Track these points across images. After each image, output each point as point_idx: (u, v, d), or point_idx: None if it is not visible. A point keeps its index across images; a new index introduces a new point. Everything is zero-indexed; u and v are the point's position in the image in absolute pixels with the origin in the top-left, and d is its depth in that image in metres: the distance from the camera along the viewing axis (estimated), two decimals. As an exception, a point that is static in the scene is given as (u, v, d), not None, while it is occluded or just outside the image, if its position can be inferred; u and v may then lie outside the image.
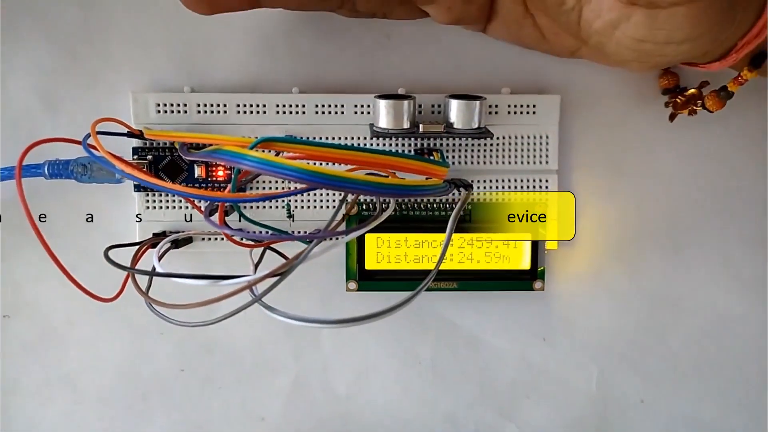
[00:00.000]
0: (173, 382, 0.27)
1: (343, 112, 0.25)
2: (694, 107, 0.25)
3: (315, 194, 0.25)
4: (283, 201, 0.25)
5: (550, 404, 0.27)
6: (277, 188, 0.25)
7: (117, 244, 0.21)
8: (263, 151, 0.18)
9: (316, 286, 0.26)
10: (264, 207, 0.25)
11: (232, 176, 0.20)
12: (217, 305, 0.18)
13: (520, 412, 0.27)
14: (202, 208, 0.23)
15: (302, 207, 0.25)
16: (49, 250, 0.19)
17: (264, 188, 0.25)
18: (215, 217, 0.20)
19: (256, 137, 0.18)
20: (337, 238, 0.20)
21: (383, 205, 0.21)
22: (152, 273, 0.19)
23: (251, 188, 0.25)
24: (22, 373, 0.27)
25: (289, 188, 0.23)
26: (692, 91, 0.24)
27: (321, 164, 0.22)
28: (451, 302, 0.27)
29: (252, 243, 0.22)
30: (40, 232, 0.19)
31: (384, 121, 0.23)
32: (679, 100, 0.25)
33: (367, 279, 0.25)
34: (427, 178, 0.20)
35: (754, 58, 0.22)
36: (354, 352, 0.27)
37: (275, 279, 0.18)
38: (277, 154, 0.20)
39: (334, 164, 0.21)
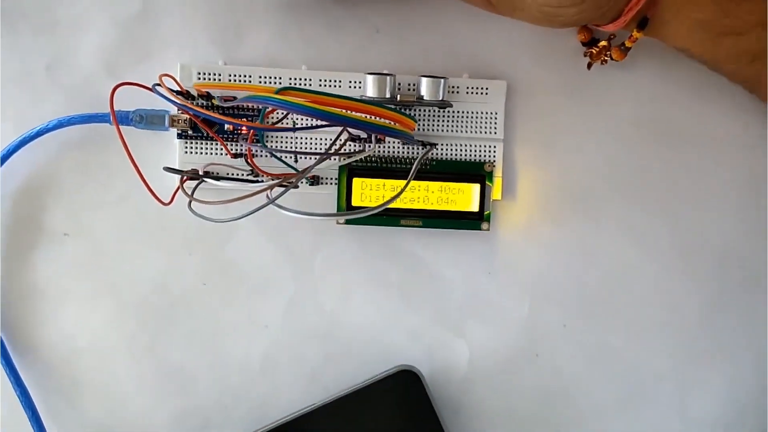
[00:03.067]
0: (196, 295, 0.34)
1: (340, 86, 0.32)
2: (605, 57, 0.32)
3: (316, 141, 0.32)
4: (292, 157, 0.32)
5: (492, 326, 0.35)
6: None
7: (170, 167, 0.28)
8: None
9: (313, 220, 0.33)
10: (278, 157, 0.32)
11: (260, 115, 0.27)
12: (238, 211, 0.25)
13: (467, 331, 0.35)
14: (231, 151, 0.31)
15: (306, 158, 0.33)
16: (134, 163, 0.26)
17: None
18: (246, 144, 0.27)
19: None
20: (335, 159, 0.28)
21: (367, 144, 0.29)
22: (200, 176, 0.27)
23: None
24: (76, 281, 0.33)
25: (301, 124, 0.30)
26: (603, 42, 0.32)
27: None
28: (416, 239, 0.34)
29: (267, 173, 0.30)
30: (128, 148, 0.26)
31: (371, 92, 0.31)
32: (594, 50, 0.32)
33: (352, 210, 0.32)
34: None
35: (641, 22, 0.30)
36: (339, 276, 0.34)
37: (285, 188, 0.25)
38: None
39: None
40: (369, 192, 0.32)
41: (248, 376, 0.34)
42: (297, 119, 0.32)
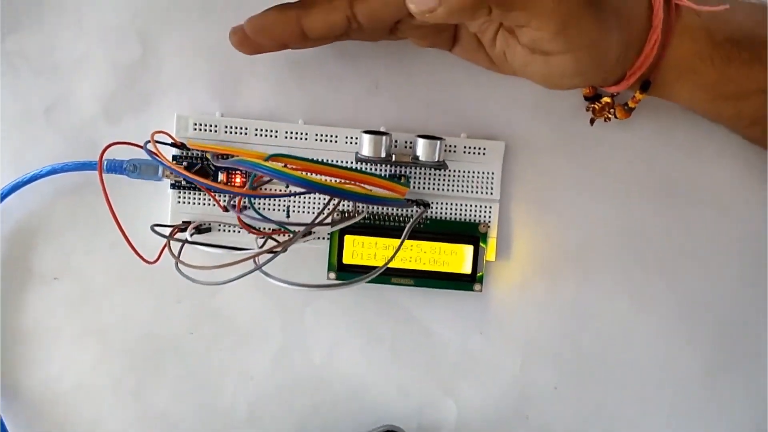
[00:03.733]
0: (183, 342, 0.34)
1: (336, 141, 0.32)
2: (608, 114, 0.32)
3: (308, 200, 0.32)
4: (284, 204, 0.32)
5: (482, 385, 0.34)
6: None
7: (158, 224, 0.28)
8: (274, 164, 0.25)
9: (304, 277, 0.33)
10: (268, 209, 0.32)
11: (249, 179, 0.27)
12: (226, 275, 0.25)
13: (457, 390, 0.34)
14: (221, 203, 0.30)
15: (298, 212, 0.32)
16: (117, 222, 0.26)
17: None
18: (235, 211, 0.27)
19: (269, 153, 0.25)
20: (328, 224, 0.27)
21: (358, 210, 0.29)
22: (185, 241, 0.27)
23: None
24: (64, 324, 0.33)
25: (290, 191, 0.31)
26: (606, 99, 0.32)
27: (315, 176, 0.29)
28: (409, 296, 0.34)
29: (257, 231, 0.30)
30: (112, 207, 0.26)
31: (366, 151, 0.30)
32: (596, 106, 0.32)
33: (344, 271, 0.32)
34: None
35: (643, 84, 0.30)
36: (329, 329, 0.34)
37: (273, 254, 0.25)
38: (284, 167, 0.27)
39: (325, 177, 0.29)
40: (361, 249, 0.32)
41: (233, 425, 0.34)
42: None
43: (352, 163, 0.32)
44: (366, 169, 0.32)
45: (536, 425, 0.34)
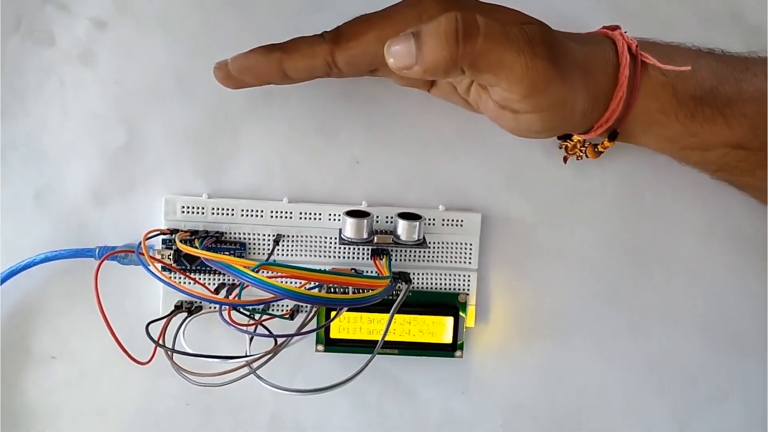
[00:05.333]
0: (180, 414, 0.35)
1: (320, 218, 0.34)
2: (580, 153, 0.33)
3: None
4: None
5: (465, 442, 0.36)
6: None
7: (153, 320, 0.30)
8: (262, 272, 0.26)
9: (294, 348, 0.34)
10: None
11: (239, 288, 0.28)
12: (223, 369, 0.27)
13: (442, 447, 0.36)
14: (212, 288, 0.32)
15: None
16: (106, 320, 0.28)
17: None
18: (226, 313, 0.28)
19: (258, 262, 0.26)
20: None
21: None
22: (174, 351, 0.28)
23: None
24: (63, 402, 0.35)
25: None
26: (577, 137, 0.32)
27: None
28: (393, 362, 0.35)
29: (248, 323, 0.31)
30: (101, 303, 0.28)
31: (349, 233, 0.32)
32: (569, 144, 0.33)
33: (331, 344, 0.34)
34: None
35: (611, 134, 0.31)
36: (318, 396, 0.35)
37: (267, 357, 0.26)
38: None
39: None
40: (347, 324, 0.33)
41: (231, 488, 0.36)
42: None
43: (335, 242, 0.33)
44: (350, 250, 0.34)
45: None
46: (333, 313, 0.29)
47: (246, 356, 0.26)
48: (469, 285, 0.34)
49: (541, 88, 0.26)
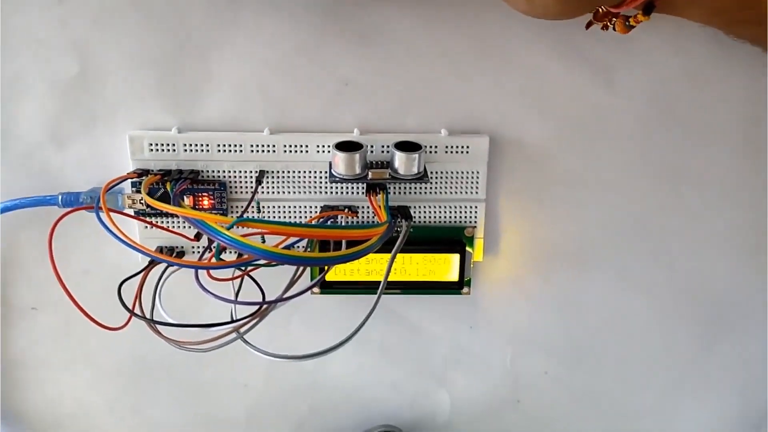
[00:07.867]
0: (174, 357, 0.34)
1: (307, 150, 0.30)
2: (608, 23, 0.29)
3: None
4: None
5: (474, 376, 0.34)
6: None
7: (127, 277, 0.27)
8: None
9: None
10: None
11: (216, 252, 0.24)
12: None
13: (450, 382, 0.35)
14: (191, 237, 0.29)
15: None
16: (62, 283, 0.25)
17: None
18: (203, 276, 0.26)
19: (234, 218, 0.23)
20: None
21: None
22: (154, 321, 0.25)
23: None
24: (52, 351, 0.33)
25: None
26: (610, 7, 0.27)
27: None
28: (397, 300, 0.33)
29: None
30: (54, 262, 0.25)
31: (341, 168, 0.28)
32: (601, 10, 0.27)
33: (327, 287, 0.31)
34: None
35: (647, 7, 0.26)
36: (319, 333, 0.33)
37: (254, 322, 0.24)
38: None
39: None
40: (343, 265, 0.31)
41: (234, 430, 0.35)
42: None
43: (326, 174, 0.30)
44: (342, 187, 0.30)
45: (528, 408, 0.35)
46: (326, 267, 0.26)
47: (232, 321, 0.24)
48: (476, 217, 0.31)
49: None
